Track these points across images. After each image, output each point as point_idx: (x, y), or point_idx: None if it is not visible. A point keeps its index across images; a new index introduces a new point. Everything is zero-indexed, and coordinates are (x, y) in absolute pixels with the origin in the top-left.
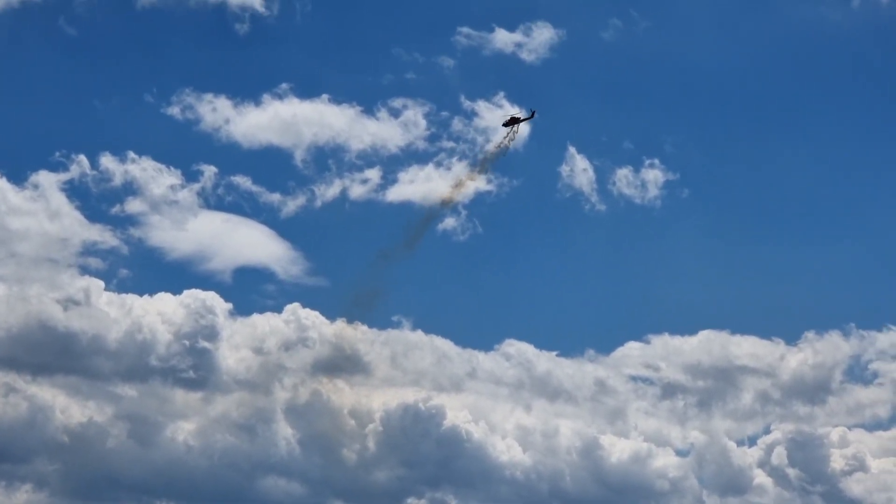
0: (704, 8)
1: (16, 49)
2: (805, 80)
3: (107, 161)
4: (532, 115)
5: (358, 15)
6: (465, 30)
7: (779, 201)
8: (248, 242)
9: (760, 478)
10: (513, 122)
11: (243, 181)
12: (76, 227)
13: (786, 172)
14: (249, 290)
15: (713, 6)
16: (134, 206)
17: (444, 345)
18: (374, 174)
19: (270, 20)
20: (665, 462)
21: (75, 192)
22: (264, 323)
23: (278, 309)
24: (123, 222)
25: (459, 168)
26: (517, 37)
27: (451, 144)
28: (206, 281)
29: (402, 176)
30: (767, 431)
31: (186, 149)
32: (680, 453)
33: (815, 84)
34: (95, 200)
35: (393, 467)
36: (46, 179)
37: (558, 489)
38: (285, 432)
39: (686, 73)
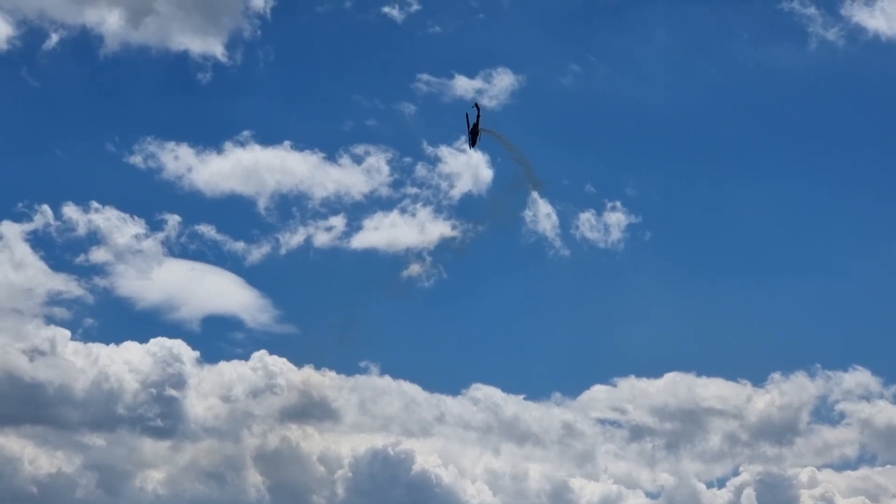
0: (661, 53)
1: None
2: (762, 121)
3: (70, 211)
4: (476, 107)
5: (318, 64)
6: (425, 76)
7: (741, 242)
8: (216, 291)
9: None
10: (475, 132)
11: (207, 229)
12: (41, 277)
13: (746, 213)
14: (217, 337)
15: (670, 51)
16: (98, 255)
17: (411, 389)
18: (338, 221)
19: (233, 69)
20: None
21: (39, 242)
22: (231, 370)
23: (246, 356)
24: (88, 272)
25: (424, 214)
26: (477, 83)
27: (415, 190)
28: (174, 329)
29: (367, 223)
30: (736, 473)
31: (149, 197)
32: (650, 495)
33: (772, 125)
34: (59, 250)
35: None
36: (10, 230)
37: None
38: (255, 479)
39: (645, 117)
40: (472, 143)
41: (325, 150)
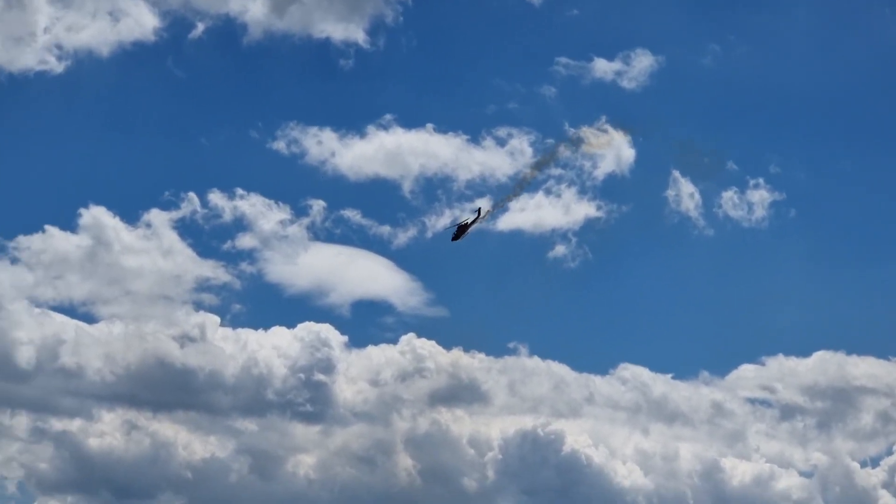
0: (802, 30)
1: (127, 91)
2: None
3: (216, 198)
4: (478, 214)
5: (459, 48)
6: (564, 59)
7: (887, 218)
8: (366, 275)
9: (886, 499)
10: (462, 230)
11: (353, 214)
12: (189, 264)
13: (892, 189)
14: (366, 322)
15: (811, 28)
16: (245, 241)
17: (560, 370)
18: (483, 204)
19: (375, 55)
20: (789, 483)
21: (186, 229)
22: (380, 354)
23: (394, 340)
24: (235, 258)
25: (569, 195)
26: (616, 65)
27: (559, 171)
28: (322, 314)
29: (512, 205)
30: (890, 452)
31: (294, 183)
32: (804, 475)
33: None
34: (207, 237)
35: (514, 495)
36: (158, 218)
37: None
38: (405, 463)
39: (787, 95)
40: (456, 237)
41: (468, 133)
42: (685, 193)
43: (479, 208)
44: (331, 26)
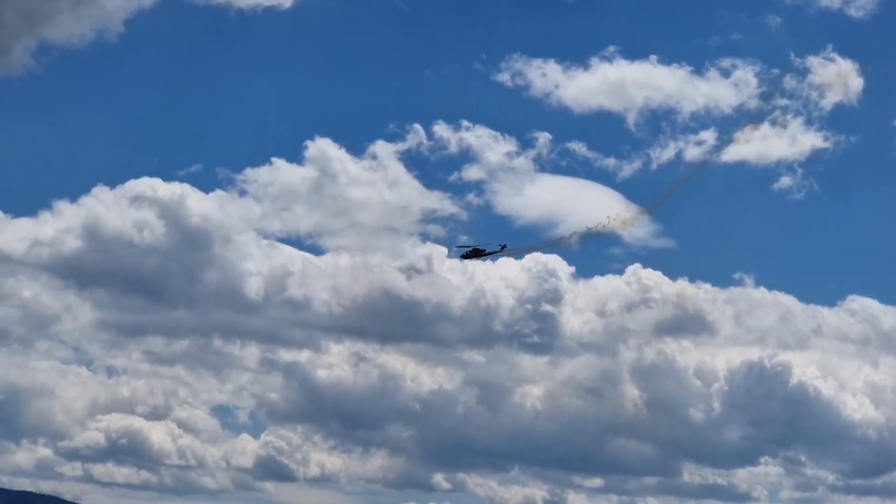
0: None
1: (353, 27)
2: None
3: (441, 129)
4: (501, 248)
5: None
6: None
7: None
8: (594, 206)
9: None
10: (475, 254)
11: (578, 146)
12: (415, 196)
13: None
14: (594, 252)
15: None
16: (471, 173)
17: (787, 300)
18: (708, 135)
19: None
20: None
21: (412, 160)
22: (606, 285)
23: (620, 271)
24: (461, 189)
25: (795, 126)
26: None
27: (784, 102)
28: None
29: (738, 136)
30: None
31: (519, 115)
32: None
33: None
34: (432, 168)
35: (741, 427)
36: (384, 150)
37: None
38: (632, 394)
39: None
40: (466, 256)
41: (692, 64)
42: None
43: (505, 245)
44: None
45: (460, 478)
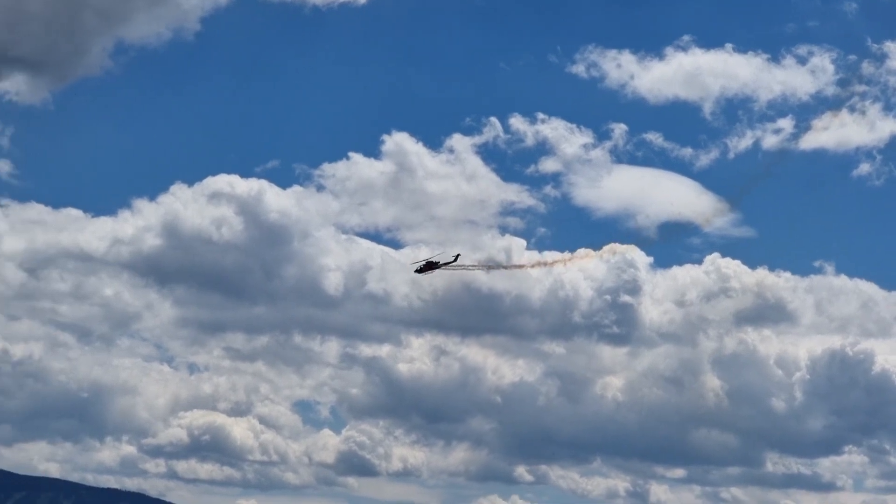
0: None
1: (428, 21)
2: None
3: (517, 122)
4: (454, 259)
5: None
6: None
7: None
8: (672, 197)
9: None
10: (429, 267)
11: (654, 137)
12: (493, 189)
13: None
14: (672, 242)
15: None
16: (548, 165)
17: (868, 288)
18: (786, 123)
19: None
20: None
21: (489, 153)
22: (685, 274)
23: (699, 260)
24: (539, 182)
25: (874, 112)
26: None
27: (862, 88)
28: (627, 236)
29: (816, 123)
30: None
31: (594, 107)
32: None
33: None
34: (510, 161)
35: (823, 416)
36: (460, 143)
37: None
38: (713, 384)
39: None
40: (421, 270)
41: (768, 52)
42: None
43: (458, 255)
44: None
45: (542, 470)
